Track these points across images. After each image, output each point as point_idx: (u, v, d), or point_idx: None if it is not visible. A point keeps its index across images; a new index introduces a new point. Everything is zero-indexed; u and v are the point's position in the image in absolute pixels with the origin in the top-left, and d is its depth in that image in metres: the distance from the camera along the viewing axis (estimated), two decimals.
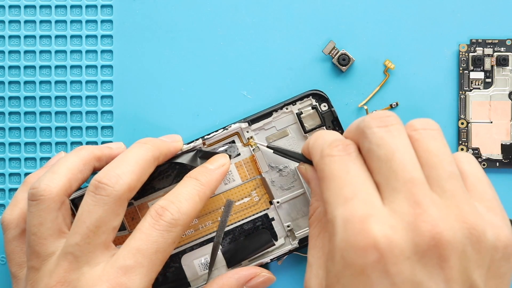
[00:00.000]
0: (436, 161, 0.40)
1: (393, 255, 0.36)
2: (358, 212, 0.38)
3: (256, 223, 0.53)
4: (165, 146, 0.50)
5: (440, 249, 0.37)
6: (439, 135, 0.41)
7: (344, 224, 0.38)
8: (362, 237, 0.37)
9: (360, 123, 0.42)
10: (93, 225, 0.45)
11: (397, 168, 0.39)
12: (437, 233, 0.37)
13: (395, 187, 0.38)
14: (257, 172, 0.53)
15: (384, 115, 0.41)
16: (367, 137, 0.41)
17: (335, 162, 0.41)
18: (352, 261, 0.37)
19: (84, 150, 0.50)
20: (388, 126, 0.40)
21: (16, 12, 0.56)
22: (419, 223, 0.37)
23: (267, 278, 0.51)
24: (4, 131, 0.55)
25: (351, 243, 0.37)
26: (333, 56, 0.55)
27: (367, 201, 0.38)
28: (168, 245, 0.46)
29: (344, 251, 0.37)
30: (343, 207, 0.38)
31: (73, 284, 0.44)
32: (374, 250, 0.36)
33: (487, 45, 0.55)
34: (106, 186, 0.45)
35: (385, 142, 0.40)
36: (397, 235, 0.37)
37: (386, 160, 0.39)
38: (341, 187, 0.40)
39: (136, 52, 0.56)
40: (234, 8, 0.56)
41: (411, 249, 0.37)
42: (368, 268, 0.37)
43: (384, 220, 0.37)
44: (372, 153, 0.40)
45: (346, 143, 0.42)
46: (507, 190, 0.55)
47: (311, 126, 0.53)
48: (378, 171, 0.40)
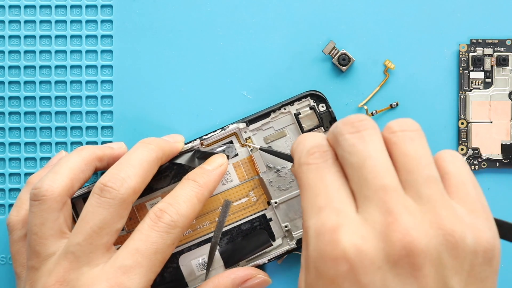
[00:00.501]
0: (413, 164, 0.38)
1: (363, 265, 0.36)
2: (328, 222, 0.37)
3: (253, 223, 0.53)
4: (168, 146, 0.50)
5: (413, 258, 0.36)
6: (418, 136, 0.40)
7: (316, 234, 0.37)
8: (331, 248, 0.36)
9: (333, 129, 0.41)
10: (96, 226, 0.45)
11: (367, 175, 0.38)
12: (408, 241, 0.35)
13: (367, 195, 0.38)
14: (255, 173, 0.53)
15: (356, 120, 0.40)
16: (340, 144, 0.40)
17: (311, 170, 0.40)
18: (323, 271, 0.37)
19: (85, 150, 0.50)
20: (361, 131, 0.39)
21: (16, 12, 0.56)
22: (390, 232, 0.36)
23: (263, 280, 0.51)
24: (4, 131, 0.55)
25: (322, 254, 0.37)
26: (333, 56, 0.55)
27: (339, 210, 0.38)
28: (167, 246, 0.46)
29: (316, 262, 0.37)
30: (316, 217, 0.38)
31: (72, 283, 0.44)
32: (344, 260, 0.36)
33: (487, 45, 0.55)
34: (111, 189, 0.45)
35: (356, 149, 0.39)
36: (367, 245, 0.36)
37: (358, 167, 0.38)
38: (315, 196, 0.39)
39: (136, 52, 0.56)
40: (234, 8, 0.56)
41: (382, 259, 0.36)
42: (339, 278, 0.36)
43: (354, 229, 0.37)
44: (345, 160, 0.39)
45: (323, 149, 0.41)
46: (507, 190, 0.55)
47: (309, 126, 0.53)
48: (351, 179, 0.39)
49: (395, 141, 0.39)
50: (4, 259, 0.55)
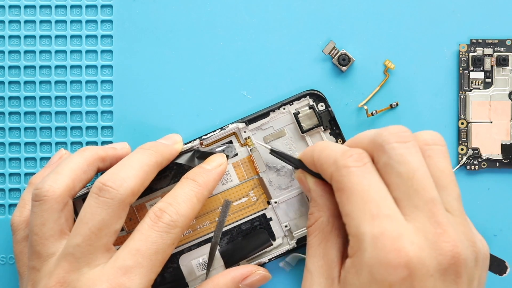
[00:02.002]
0: (448, 181, 0.42)
1: (420, 272, 0.38)
2: (388, 231, 0.39)
3: (254, 223, 0.53)
4: (167, 150, 0.50)
5: (458, 267, 0.39)
6: (447, 152, 0.43)
7: (373, 241, 0.39)
8: (394, 255, 0.38)
9: (376, 137, 0.42)
10: (95, 227, 0.45)
11: (418, 187, 0.40)
12: (457, 252, 0.38)
13: (417, 205, 0.40)
14: (255, 172, 0.53)
15: (401, 131, 0.42)
16: (386, 152, 0.41)
17: (354, 174, 0.41)
18: (381, 277, 0.38)
19: (88, 151, 0.50)
20: (407, 142, 0.41)
21: (16, 12, 0.56)
22: (441, 243, 0.39)
23: (263, 276, 0.51)
24: (4, 131, 0.55)
25: (382, 261, 0.38)
26: (333, 56, 0.55)
27: (394, 218, 0.39)
28: (167, 246, 0.46)
29: (374, 268, 0.38)
30: (370, 224, 0.39)
31: (72, 284, 0.44)
32: (405, 268, 0.38)
33: (487, 45, 0.55)
34: (110, 188, 0.45)
35: (406, 160, 0.41)
36: (424, 254, 0.38)
37: (408, 178, 0.40)
38: (365, 202, 0.40)
39: (136, 52, 0.56)
40: (234, 8, 0.56)
41: (434, 267, 0.38)
42: (396, 284, 0.38)
43: (413, 239, 0.39)
44: (392, 169, 0.41)
45: (359, 152, 0.42)
46: (507, 190, 0.55)
47: (309, 126, 0.53)
48: (397, 187, 0.41)
49: (430, 154, 0.42)
50: (4, 259, 0.55)
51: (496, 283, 0.53)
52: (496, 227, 0.54)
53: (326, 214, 0.45)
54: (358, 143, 0.44)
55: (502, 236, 0.54)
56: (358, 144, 0.44)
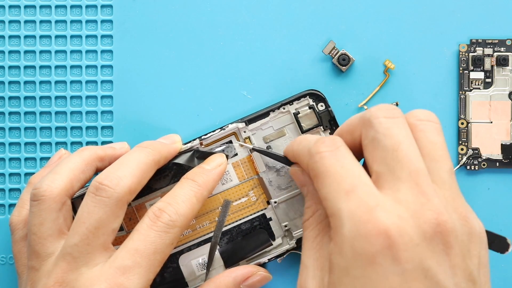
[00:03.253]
0: (440, 154, 0.41)
1: (403, 241, 0.37)
2: (364, 202, 0.38)
3: (253, 223, 0.53)
4: (165, 149, 0.50)
5: (446, 236, 0.38)
6: (441, 129, 0.43)
7: (351, 215, 0.38)
8: (372, 225, 0.37)
9: (365, 113, 0.42)
10: (92, 226, 0.45)
11: (402, 158, 0.39)
12: (442, 220, 0.38)
13: (400, 176, 0.39)
14: (254, 172, 0.53)
15: (390, 108, 0.42)
16: (374, 126, 0.41)
17: (326, 157, 0.41)
18: (362, 249, 0.37)
19: (86, 151, 0.50)
20: (394, 118, 0.41)
21: (16, 12, 0.56)
22: (424, 211, 0.38)
23: (264, 277, 0.51)
24: (4, 131, 0.55)
25: (361, 232, 0.37)
26: (333, 56, 0.55)
27: (370, 192, 0.39)
28: (166, 246, 0.46)
29: (354, 241, 0.38)
30: (346, 199, 0.39)
31: (71, 284, 0.44)
32: (385, 237, 0.37)
33: (487, 45, 0.55)
34: (107, 187, 0.45)
35: (392, 133, 0.40)
36: (405, 223, 0.37)
37: (392, 149, 0.40)
38: (339, 181, 0.40)
39: (136, 52, 0.56)
40: (234, 8, 0.56)
41: (419, 236, 0.37)
42: (379, 256, 0.37)
43: (390, 209, 0.38)
44: (378, 142, 0.40)
45: (331, 138, 0.42)
46: (507, 190, 0.55)
47: (308, 126, 0.53)
48: (381, 161, 0.40)
49: (422, 128, 0.42)
50: (4, 259, 0.55)
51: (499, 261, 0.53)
52: (496, 227, 0.54)
53: (323, 207, 0.44)
54: (349, 124, 0.44)
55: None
56: (349, 124, 0.44)
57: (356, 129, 0.43)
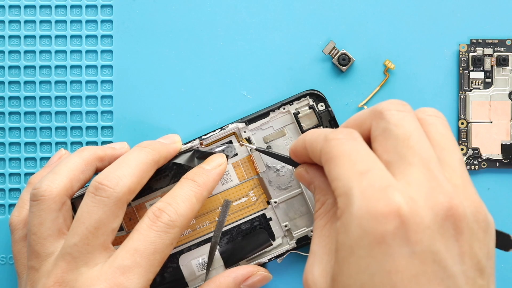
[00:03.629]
0: (450, 145, 0.41)
1: (414, 222, 0.36)
2: (377, 182, 0.38)
3: (253, 223, 0.53)
4: (165, 149, 0.50)
5: (457, 221, 0.37)
6: (448, 125, 0.43)
7: (362, 193, 0.38)
8: (384, 203, 0.37)
9: (377, 106, 0.42)
10: (92, 226, 0.45)
11: (414, 145, 0.39)
12: (454, 205, 0.37)
13: (412, 162, 0.39)
14: (255, 172, 0.53)
15: (401, 102, 0.42)
16: (385, 117, 0.41)
17: (343, 143, 0.41)
18: (371, 228, 0.37)
19: (86, 151, 0.50)
20: (405, 112, 0.41)
21: (16, 12, 0.56)
22: (436, 194, 0.37)
23: (264, 277, 0.51)
24: (4, 131, 0.55)
25: (371, 210, 0.37)
26: (333, 56, 0.55)
27: (383, 175, 0.38)
28: (165, 246, 0.46)
29: (363, 219, 0.37)
30: (359, 179, 0.38)
31: (71, 284, 0.44)
32: (396, 216, 0.36)
33: (487, 45, 0.55)
34: (106, 187, 0.45)
35: (403, 123, 0.40)
36: (417, 204, 0.37)
37: (404, 138, 0.40)
38: (354, 163, 0.39)
39: (136, 52, 0.56)
40: (234, 8, 0.56)
41: (430, 219, 0.37)
42: (388, 235, 0.36)
43: (403, 190, 0.37)
44: (389, 132, 0.40)
45: (348, 129, 0.42)
46: (507, 190, 0.55)
47: (308, 126, 0.53)
48: (393, 149, 0.40)
49: (432, 122, 0.42)
50: (4, 259, 0.55)
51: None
52: (496, 227, 0.54)
53: (332, 197, 0.44)
54: (358, 117, 0.43)
55: None
56: (358, 117, 0.43)
57: (365, 122, 0.42)
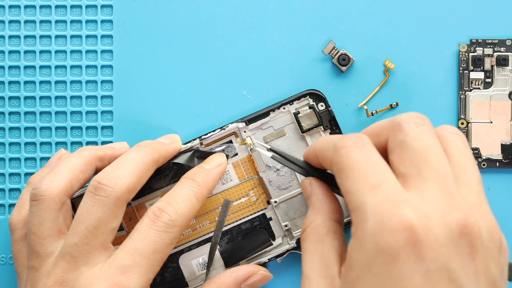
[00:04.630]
0: (470, 163, 0.41)
1: (429, 240, 0.36)
2: (390, 197, 0.38)
3: (253, 223, 0.53)
4: (164, 148, 0.50)
5: (472, 239, 0.37)
6: (467, 143, 0.43)
7: (376, 209, 0.37)
8: (398, 220, 0.37)
9: (395, 118, 0.42)
10: (91, 226, 0.45)
11: (431, 160, 0.39)
12: (470, 222, 0.37)
13: (428, 177, 0.39)
14: (255, 172, 0.53)
15: (420, 116, 0.42)
16: (404, 130, 0.41)
17: (353, 152, 0.41)
18: (386, 245, 0.37)
19: (86, 151, 0.50)
20: (424, 125, 0.41)
21: (16, 12, 0.56)
22: (452, 211, 0.37)
23: (264, 276, 0.51)
24: (4, 131, 0.55)
25: (385, 227, 0.37)
26: (333, 56, 0.55)
27: (395, 188, 0.38)
28: (165, 245, 0.46)
29: (378, 235, 0.37)
30: (371, 193, 0.38)
31: (71, 284, 0.44)
32: (410, 233, 0.36)
33: (487, 45, 0.55)
34: (106, 187, 0.45)
35: (422, 137, 0.40)
36: (431, 221, 0.37)
37: (422, 152, 0.40)
38: (365, 175, 0.39)
39: (136, 52, 0.56)
40: (234, 8, 0.56)
41: (445, 236, 0.37)
42: (402, 252, 0.36)
43: (416, 205, 0.37)
44: (407, 145, 0.40)
45: (359, 135, 0.42)
46: (507, 190, 0.55)
47: (309, 125, 0.53)
48: (410, 163, 0.40)
49: (452, 139, 0.42)
50: (4, 259, 0.55)
51: None
52: None
53: (322, 217, 0.44)
54: (375, 127, 0.43)
55: None
56: (376, 127, 0.43)
57: (383, 132, 0.42)
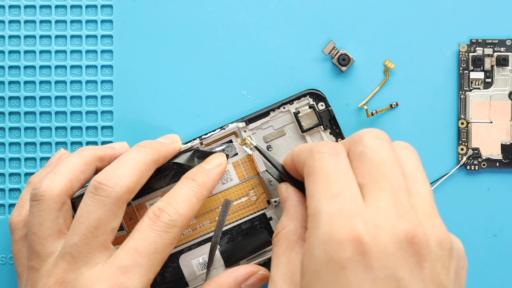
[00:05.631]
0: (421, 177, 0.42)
1: (377, 250, 0.37)
2: (345, 209, 0.38)
3: (254, 222, 0.53)
4: (164, 148, 0.50)
5: (420, 248, 0.38)
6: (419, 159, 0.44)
7: (329, 218, 0.38)
8: (346, 231, 0.37)
9: (356, 133, 0.43)
10: (92, 226, 0.45)
11: (386, 172, 0.40)
12: (418, 232, 0.38)
13: (382, 187, 0.40)
14: (255, 172, 0.53)
15: (380, 132, 0.43)
16: (363, 142, 0.42)
17: (325, 158, 0.41)
18: (335, 255, 0.37)
19: (86, 151, 0.50)
20: (383, 140, 0.42)
21: (16, 12, 0.56)
22: (402, 222, 0.38)
23: (264, 276, 0.51)
24: (4, 131, 0.55)
25: (335, 237, 0.38)
26: (333, 56, 0.55)
27: (353, 199, 0.39)
28: (166, 245, 0.46)
29: (327, 244, 0.38)
30: (329, 202, 0.39)
31: (71, 284, 0.44)
32: (358, 244, 0.37)
33: (487, 45, 0.55)
34: (106, 187, 0.45)
35: (379, 150, 0.41)
36: (381, 232, 0.38)
37: (378, 164, 0.40)
38: (329, 183, 0.40)
39: (136, 52, 0.56)
40: (234, 8, 0.56)
41: (393, 245, 0.37)
42: (351, 262, 0.37)
43: (368, 218, 0.38)
44: (365, 156, 0.41)
45: (335, 143, 0.43)
46: (507, 190, 0.55)
47: (309, 125, 0.53)
48: (367, 173, 0.41)
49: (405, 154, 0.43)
50: (4, 259, 0.55)
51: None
52: (496, 227, 0.54)
53: (294, 224, 0.45)
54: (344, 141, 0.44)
55: (502, 236, 0.54)
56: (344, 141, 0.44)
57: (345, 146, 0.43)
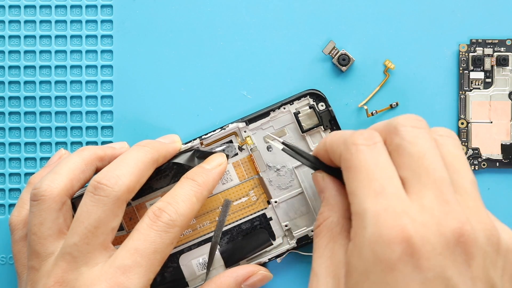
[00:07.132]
0: (462, 166, 0.41)
1: (426, 250, 0.37)
2: (391, 207, 0.38)
3: (254, 222, 0.53)
4: (164, 148, 0.50)
5: (468, 246, 0.37)
6: (460, 145, 0.43)
7: (375, 217, 0.38)
8: (395, 231, 0.37)
9: (392, 120, 0.42)
10: (91, 226, 0.45)
11: (428, 166, 0.39)
12: (466, 230, 0.37)
13: (425, 183, 0.39)
14: (255, 172, 0.53)
15: (417, 118, 0.42)
16: (400, 133, 0.41)
17: (362, 151, 0.41)
18: (384, 255, 0.37)
19: (86, 151, 0.50)
20: (420, 128, 0.41)
21: (16, 12, 0.56)
22: (448, 220, 0.38)
23: (264, 276, 0.51)
24: (4, 131, 0.55)
25: (383, 237, 0.37)
26: (333, 56, 0.55)
27: (398, 196, 0.39)
28: (166, 245, 0.46)
29: (376, 245, 0.37)
30: (373, 200, 0.38)
31: (71, 284, 0.44)
32: (407, 244, 0.37)
33: (487, 45, 0.55)
34: (105, 186, 0.45)
35: (418, 141, 0.40)
36: (429, 231, 0.37)
37: (418, 157, 0.40)
38: (371, 179, 0.39)
39: (136, 52, 0.56)
40: (234, 8, 0.56)
41: (441, 245, 0.37)
42: (400, 262, 0.37)
43: (415, 216, 0.38)
44: (403, 149, 0.40)
45: (370, 131, 0.42)
46: (507, 190, 0.55)
47: (309, 125, 0.53)
48: (407, 167, 0.40)
49: (443, 142, 0.42)
50: (4, 259, 0.55)
51: None
52: None
53: (336, 214, 0.44)
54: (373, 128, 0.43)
55: None
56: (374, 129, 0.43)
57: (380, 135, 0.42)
